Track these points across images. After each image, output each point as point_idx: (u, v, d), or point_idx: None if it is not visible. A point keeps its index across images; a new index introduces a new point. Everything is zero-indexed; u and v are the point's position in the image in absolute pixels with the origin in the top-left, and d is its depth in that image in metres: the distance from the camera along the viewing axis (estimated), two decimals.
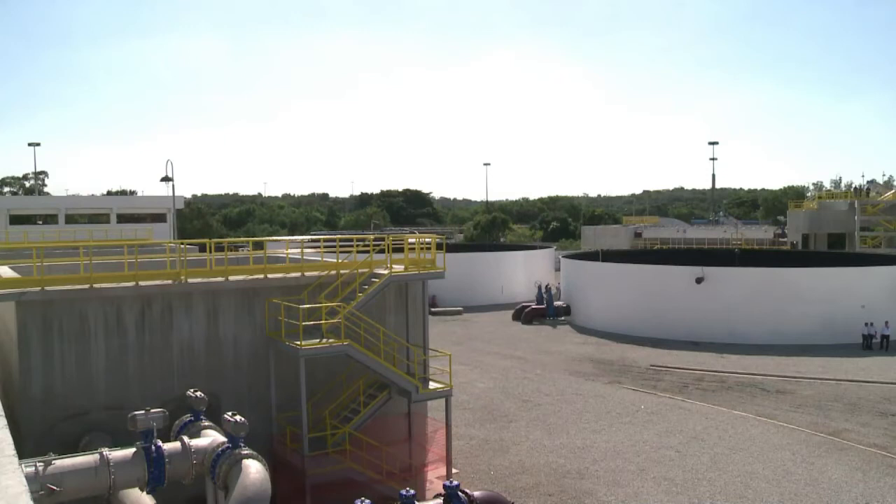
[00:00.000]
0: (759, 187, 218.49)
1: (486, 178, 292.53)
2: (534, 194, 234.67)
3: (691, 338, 46.70)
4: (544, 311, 57.20)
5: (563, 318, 56.72)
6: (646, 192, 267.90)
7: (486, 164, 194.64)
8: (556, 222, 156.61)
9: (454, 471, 23.57)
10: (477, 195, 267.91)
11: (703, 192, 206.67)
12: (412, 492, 17.58)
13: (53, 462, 12.22)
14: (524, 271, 68.54)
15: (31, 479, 7.11)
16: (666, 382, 36.82)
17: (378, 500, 18.17)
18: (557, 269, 68.51)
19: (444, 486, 18.39)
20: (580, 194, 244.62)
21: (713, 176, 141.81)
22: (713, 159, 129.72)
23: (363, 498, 16.99)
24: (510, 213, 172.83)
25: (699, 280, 48.34)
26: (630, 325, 50.41)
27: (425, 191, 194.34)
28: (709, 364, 40.85)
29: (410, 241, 25.49)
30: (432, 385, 23.36)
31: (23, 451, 5.99)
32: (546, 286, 59.21)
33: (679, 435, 28.26)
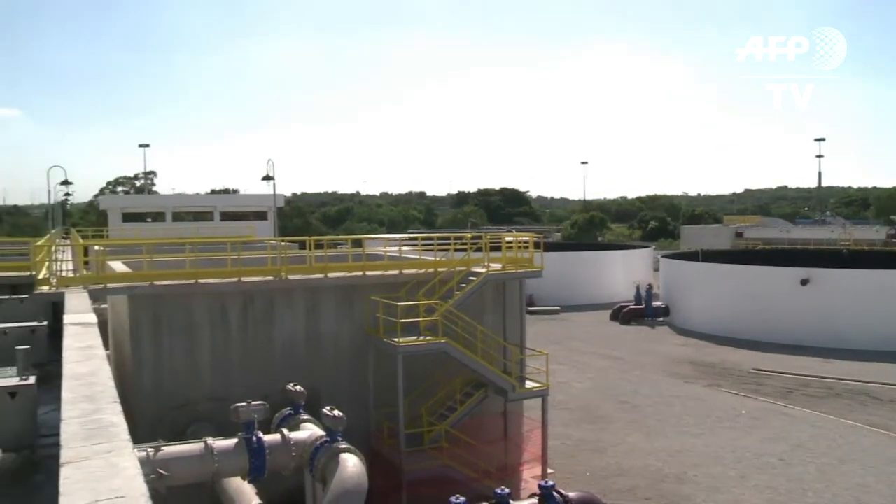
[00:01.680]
0: (869, 185, 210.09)
1: (584, 177, 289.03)
2: (632, 193, 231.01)
3: (794, 341, 45.26)
4: (643, 311, 56.37)
5: (661, 318, 55.76)
6: (748, 191, 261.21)
7: (583, 163, 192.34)
8: (655, 221, 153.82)
9: (549, 471, 23.45)
10: (574, 194, 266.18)
11: (809, 190, 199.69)
12: (507, 491, 17.57)
13: (162, 448, 12.70)
14: (622, 271, 67.61)
15: (143, 462, 7.41)
16: (768, 387, 35.77)
17: (473, 497, 18.21)
18: (656, 269, 67.46)
19: (539, 486, 18.30)
20: (679, 193, 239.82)
21: (819, 174, 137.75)
22: (819, 156, 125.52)
23: (458, 495, 17.05)
24: (608, 212, 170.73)
25: (804, 282, 46.79)
26: (731, 326, 49.18)
27: (522, 189, 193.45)
28: (814, 369, 39.35)
29: (508, 239, 25.48)
30: (529, 384, 23.30)
31: (136, 438, 6.25)
32: (648, 286, 58.31)
33: (783, 442, 27.32)
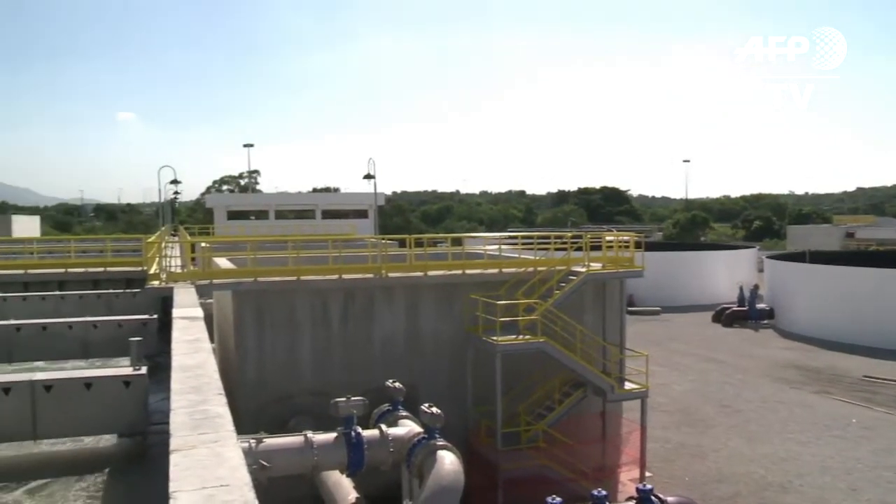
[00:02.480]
0: None
1: (686, 175, 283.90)
2: (736, 192, 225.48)
3: None
4: (746, 313, 54.89)
5: (765, 321, 54.19)
6: (860, 190, 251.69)
7: (685, 161, 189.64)
8: (760, 221, 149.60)
9: (648, 474, 23.10)
10: (676, 193, 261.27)
11: None
12: (604, 493, 17.37)
13: (264, 440, 13.05)
14: (725, 272, 66.01)
15: (246, 452, 7.64)
16: (883, 396, 34.20)
17: (569, 498, 18.07)
18: (760, 271, 65.61)
19: (637, 490, 18.04)
20: (786, 192, 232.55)
21: None
22: None
23: (554, 496, 16.93)
24: (710, 212, 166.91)
25: None
26: (840, 331, 47.35)
27: (623, 188, 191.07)
28: None
29: (608, 238, 25.23)
30: (628, 385, 23.01)
31: (239, 429, 6.43)
32: (754, 286, 56.80)
33: None
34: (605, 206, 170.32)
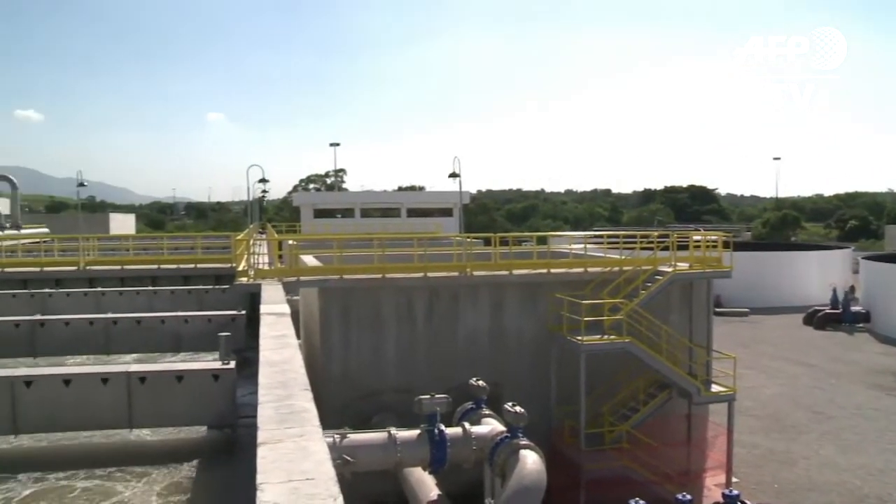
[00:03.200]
0: None
1: (777, 173, 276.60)
2: (829, 190, 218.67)
3: None
4: (839, 316, 53.20)
5: (860, 324, 52.51)
6: None
7: (775, 159, 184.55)
8: (855, 221, 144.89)
9: (734, 480, 22.58)
10: (766, 191, 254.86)
11: None
12: (689, 497, 17.09)
13: (348, 436, 13.22)
14: (817, 273, 64.16)
15: (330, 447, 7.75)
16: None
17: (653, 501, 17.81)
18: (855, 272, 63.59)
19: (723, 495, 17.70)
20: (884, 190, 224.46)
21: None
22: None
23: (637, 498, 16.71)
24: (802, 211, 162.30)
25: None
26: None
27: (711, 187, 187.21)
28: None
29: (696, 238, 24.81)
30: (715, 388, 22.56)
31: (324, 424, 6.54)
32: (850, 287, 55.06)
33: None
34: (692, 204, 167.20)
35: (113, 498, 8.55)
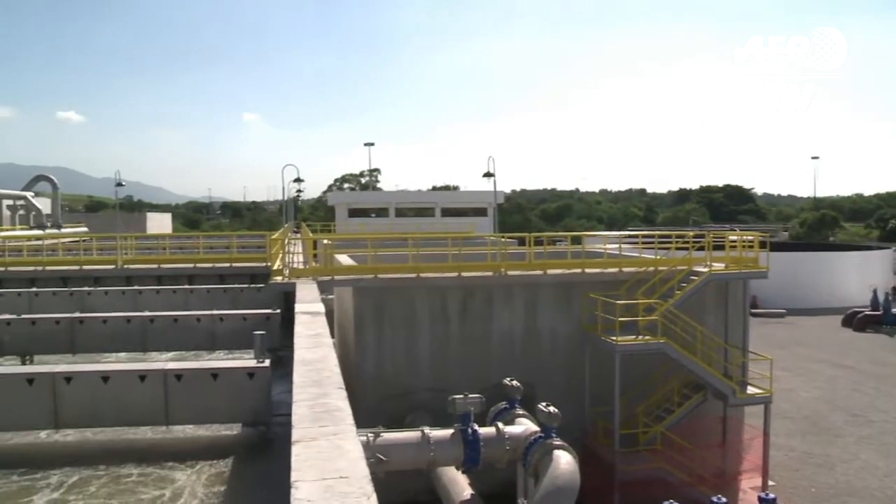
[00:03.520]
0: None
1: (815, 173, 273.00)
2: (869, 189, 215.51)
3: None
4: (880, 318, 52.42)
5: None
6: None
7: (814, 158, 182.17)
8: None
9: (770, 483, 22.34)
10: (804, 191, 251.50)
11: None
12: (724, 500, 16.95)
13: (382, 434, 13.29)
14: (856, 274, 63.26)
15: (364, 446, 7.79)
16: None
17: (687, 503, 17.72)
18: None
19: (760, 499, 17.54)
20: None
21: None
22: None
23: (672, 500, 16.60)
24: (841, 211, 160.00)
25: None
26: None
27: (747, 186, 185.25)
28: None
29: (732, 238, 24.59)
30: (751, 390, 22.33)
31: (357, 423, 6.57)
32: (893, 288, 54.11)
33: None
34: (727, 204, 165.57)
35: (170, 484, 8.90)
